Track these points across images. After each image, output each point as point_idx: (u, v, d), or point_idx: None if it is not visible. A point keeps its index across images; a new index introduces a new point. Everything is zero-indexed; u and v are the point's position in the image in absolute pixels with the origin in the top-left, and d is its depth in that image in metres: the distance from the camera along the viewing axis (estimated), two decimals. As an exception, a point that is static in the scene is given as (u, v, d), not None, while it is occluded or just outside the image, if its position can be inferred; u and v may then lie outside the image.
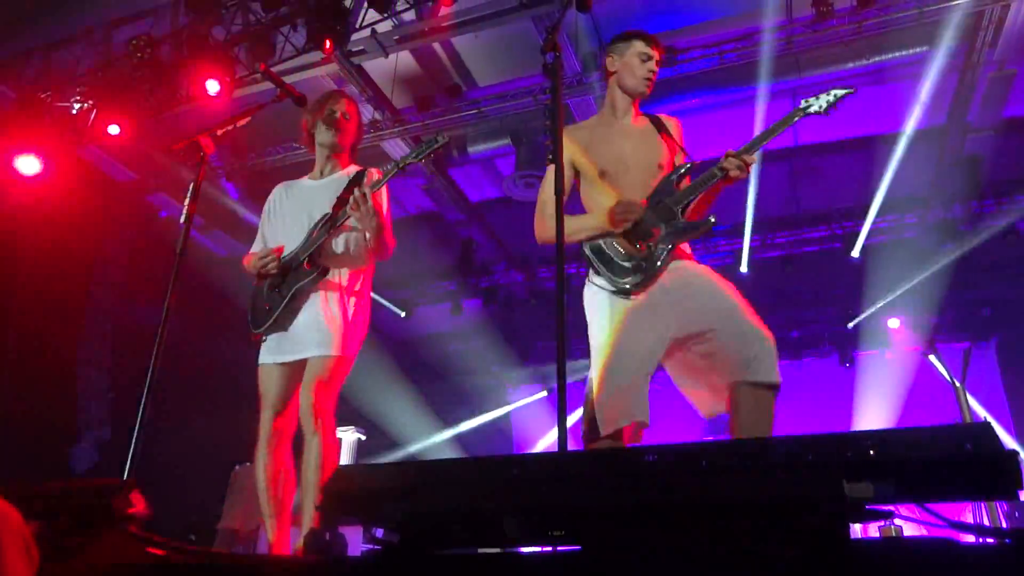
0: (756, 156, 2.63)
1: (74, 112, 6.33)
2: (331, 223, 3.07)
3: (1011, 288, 7.77)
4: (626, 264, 2.63)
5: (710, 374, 2.54)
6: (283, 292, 3.07)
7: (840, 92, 2.60)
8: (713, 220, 2.66)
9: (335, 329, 2.99)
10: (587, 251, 2.73)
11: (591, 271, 2.72)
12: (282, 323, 3.07)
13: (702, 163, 2.71)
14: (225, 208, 7.68)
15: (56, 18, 6.22)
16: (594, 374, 2.55)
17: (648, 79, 2.86)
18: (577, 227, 2.73)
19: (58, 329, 6.61)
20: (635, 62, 2.85)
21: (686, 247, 2.77)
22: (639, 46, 2.86)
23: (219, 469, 6.36)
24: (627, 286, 2.61)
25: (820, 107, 2.62)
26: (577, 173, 2.86)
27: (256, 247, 3.33)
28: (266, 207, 3.40)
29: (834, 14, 5.42)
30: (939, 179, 7.13)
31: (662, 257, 2.61)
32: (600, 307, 2.66)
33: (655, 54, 2.87)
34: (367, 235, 3.09)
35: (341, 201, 3.10)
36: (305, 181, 3.38)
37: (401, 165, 3.07)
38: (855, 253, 7.75)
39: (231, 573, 1.65)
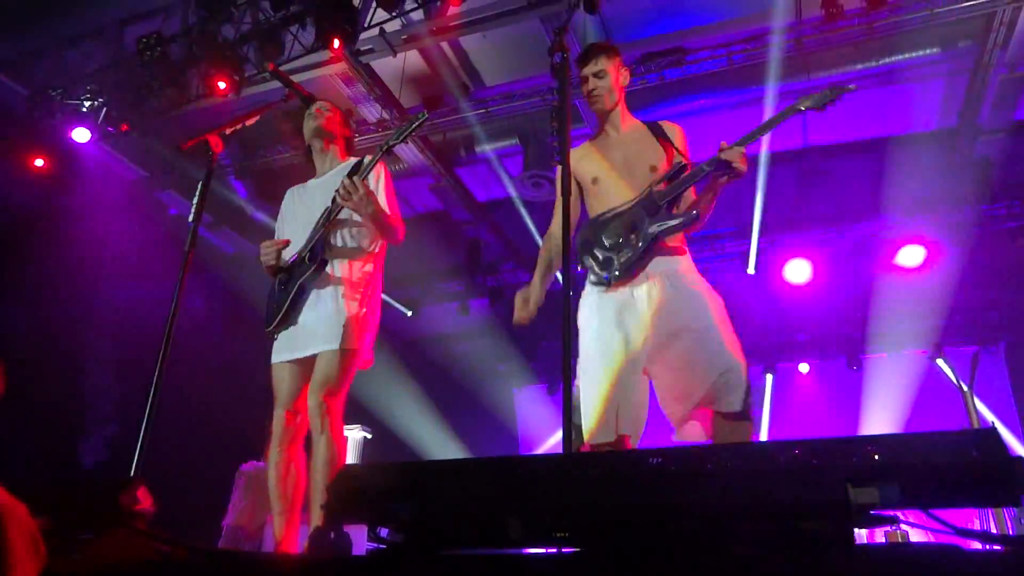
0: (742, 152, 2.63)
1: (84, 110, 6.36)
2: (328, 215, 3.09)
3: (1020, 292, 7.71)
4: (608, 255, 2.71)
5: (679, 397, 2.60)
6: (288, 288, 3.09)
7: (838, 89, 2.56)
8: (695, 213, 2.68)
9: (343, 322, 3.00)
10: (576, 243, 2.82)
11: (588, 272, 2.81)
12: (289, 320, 3.10)
13: (696, 164, 2.74)
14: (234, 206, 7.71)
15: (67, 16, 6.25)
16: (580, 382, 2.63)
17: (590, 98, 2.92)
18: (536, 277, 2.97)
19: (67, 325, 6.65)
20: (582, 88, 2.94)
21: (683, 249, 2.82)
22: (578, 71, 2.91)
23: (226, 466, 6.38)
24: (606, 276, 2.70)
25: (816, 103, 2.58)
26: (580, 186, 2.96)
27: None
28: (281, 211, 3.49)
29: (844, 15, 5.39)
30: (949, 181, 7.09)
31: (642, 249, 2.66)
32: (587, 310, 2.76)
33: (588, 71, 2.89)
34: (369, 223, 3.10)
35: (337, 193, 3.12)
36: (310, 182, 3.44)
37: (385, 148, 3.08)
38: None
39: (236, 570, 1.65)
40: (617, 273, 2.67)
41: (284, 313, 3.08)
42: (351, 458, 7.54)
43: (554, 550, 1.49)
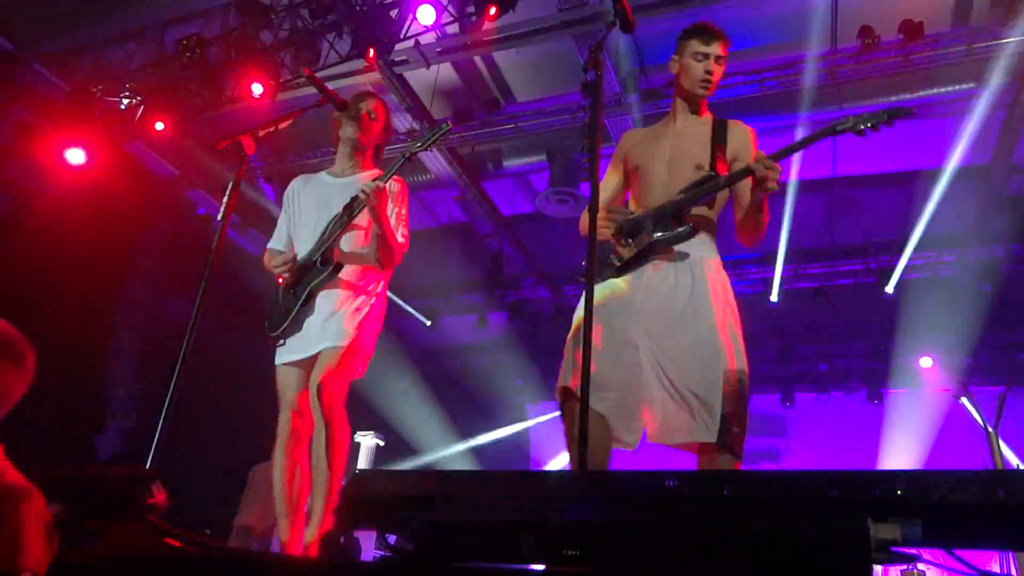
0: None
1: (122, 107, 6.48)
2: (344, 219, 3.06)
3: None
4: (615, 263, 2.66)
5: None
6: (298, 293, 3.07)
7: (884, 115, 2.33)
8: (690, 226, 2.53)
9: (345, 322, 2.99)
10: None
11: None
12: (298, 324, 3.08)
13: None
14: (261, 208, 7.78)
15: (111, 16, 6.39)
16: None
17: (705, 81, 2.69)
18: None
19: (90, 317, 6.74)
20: (691, 63, 2.70)
21: (709, 254, 2.64)
22: (695, 45, 2.68)
23: (239, 465, 6.41)
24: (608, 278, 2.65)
25: (857, 127, 2.38)
26: (626, 172, 2.84)
27: (275, 240, 3.37)
28: (284, 199, 3.42)
29: (879, 46, 5.36)
30: (981, 218, 7.00)
31: (636, 254, 2.60)
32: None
33: (715, 50, 2.68)
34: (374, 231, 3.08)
35: (355, 200, 3.09)
36: (324, 176, 3.37)
37: (406, 155, 3.06)
38: (889, 289, 7.61)
39: (244, 569, 1.65)
40: (615, 268, 2.65)
41: (293, 318, 3.06)
42: (363, 464, 7.55)
43: (564, 568, 1.47)
